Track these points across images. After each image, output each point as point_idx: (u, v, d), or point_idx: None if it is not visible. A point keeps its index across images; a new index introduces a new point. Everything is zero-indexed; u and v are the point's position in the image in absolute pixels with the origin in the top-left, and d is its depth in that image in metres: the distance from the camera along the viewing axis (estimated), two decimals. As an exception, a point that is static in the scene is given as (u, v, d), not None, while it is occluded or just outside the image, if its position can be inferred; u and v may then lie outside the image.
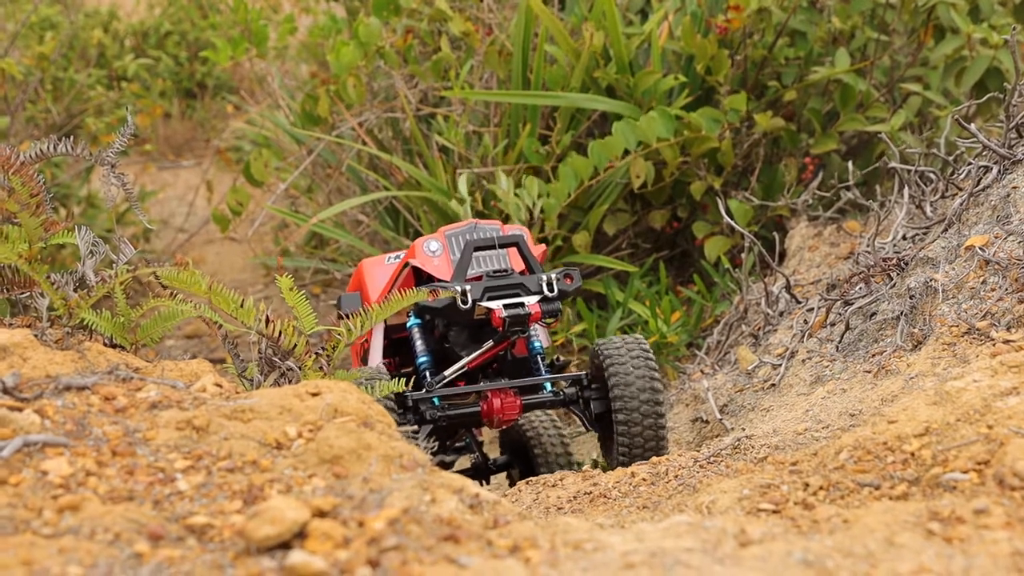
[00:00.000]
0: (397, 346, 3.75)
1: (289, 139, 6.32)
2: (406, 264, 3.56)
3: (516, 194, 4.84)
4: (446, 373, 3.48)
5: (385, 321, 3.63)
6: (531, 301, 3.35)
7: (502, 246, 3.47)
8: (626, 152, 4.92)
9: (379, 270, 3.76)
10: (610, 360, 3.45)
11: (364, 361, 3.73)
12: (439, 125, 5.42)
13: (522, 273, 3.46)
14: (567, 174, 4.93)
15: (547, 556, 1.88)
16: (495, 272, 3.42)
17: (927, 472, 2.37)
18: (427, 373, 3.50)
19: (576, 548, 1.92)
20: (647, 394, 3.41)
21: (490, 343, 3.46)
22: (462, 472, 4.01)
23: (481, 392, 3.53)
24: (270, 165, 5.74)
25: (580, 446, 4.57)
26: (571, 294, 3.43)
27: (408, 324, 3.59)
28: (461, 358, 3.50)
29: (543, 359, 3.62)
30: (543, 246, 3.72)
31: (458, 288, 3.29)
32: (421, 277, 3.56)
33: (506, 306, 3.32)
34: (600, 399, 3.56)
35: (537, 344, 3.63)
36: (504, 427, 3.61)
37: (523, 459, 4.10)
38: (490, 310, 3.33)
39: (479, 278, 3.41)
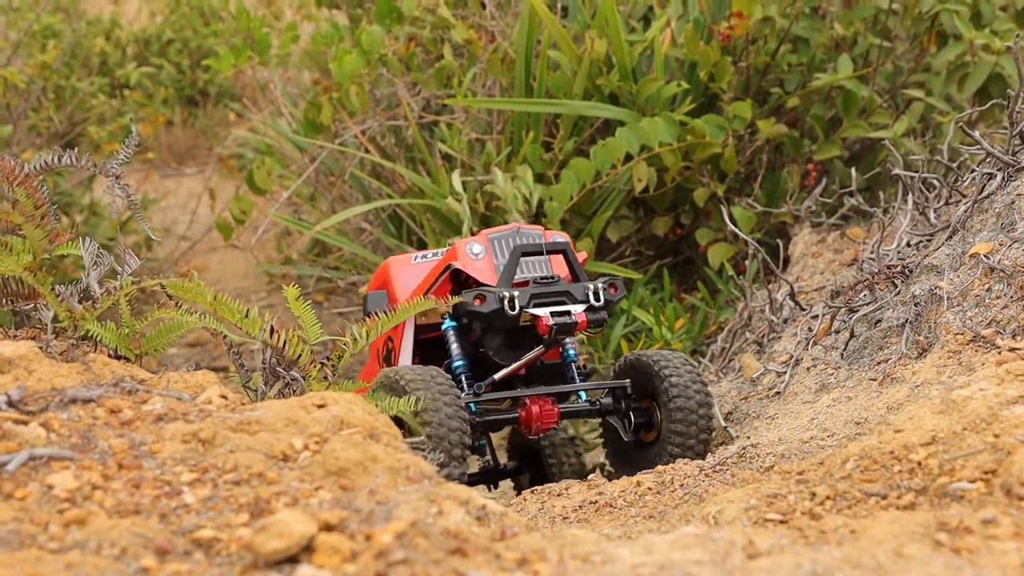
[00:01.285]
0: (423, 347, 3.69)
1: (292, 147, 6.32)
2: (448, 266, 3.49)
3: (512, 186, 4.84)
4: (495, 377, 3.45)
5: (415, 321, 3.60)
6: (578, 310, 3.34)
7: (550, 252, 3.43)
8: (629, 157, 4.92)
9: (407, 269, 3.70)
10: (668, 373, 3.47)
11: (387, 361, 3.68)
12: (442, 133, 5.42)
13: (567, 280, 3.44)
14: (569, 177, 4.93)
15: (555, 570, 1.88)
16: (541, 279, 3.38)
17: (934, 482, 2.36)
18: (463, 377, 3.47)
19: (585, 561, 1.91)
20: (704, 409, 3.46)
21: (539, 349, 3.43)
22: (471, 476, 3.99)
23: (519, 399, 3.50)
24: (273, 173, 5.74)
25: (593, 456, 4.56)
26: (616, 304, 3.43)
27: (444, 327, 3.54)
28: (495, 362, 3.46)
29: (576, 367, 3.60)
30: (584, 253, 3.70)
31: (506, 293, 3.27)
32: (459, 280, 3.53)
33: (553, 314, 3.31)
34: (640, 411, 3.58)
35: (572, 352, 3.62)
36: (541, 434, 3.57)
37: (532, 465, 4.10)
38: (536, 317, 3.30)
39: (525, 283, 3.38)
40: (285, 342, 3.00)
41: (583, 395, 3.60)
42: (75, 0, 8.63)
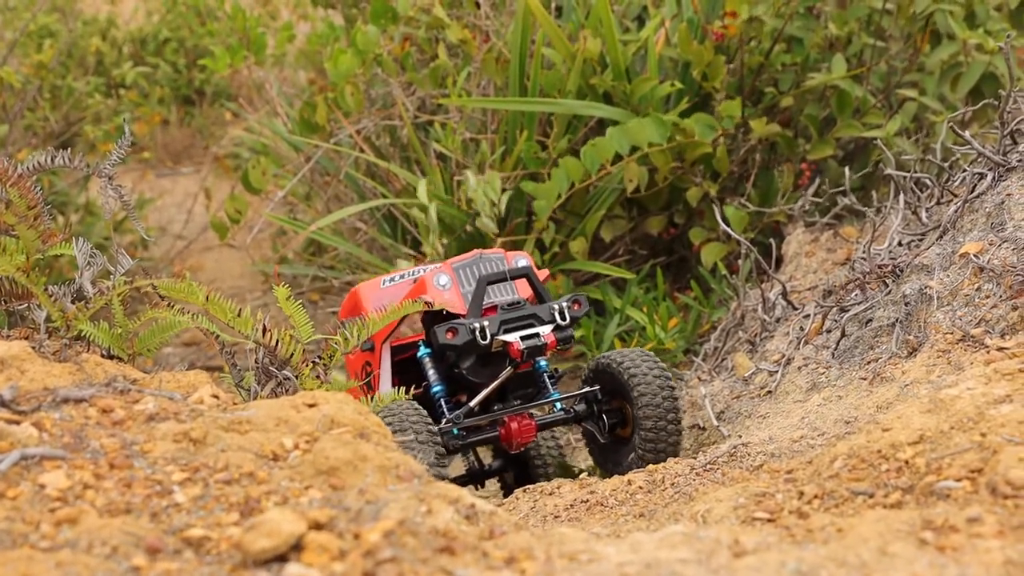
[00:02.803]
0: (400, 367, 3.78)
1: (287, 146, 6.33)
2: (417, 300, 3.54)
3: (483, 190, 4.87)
4: (471, 404, 3.56)
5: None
6: (546, 331, 3.47)
7: (513, 278, 3.55)
8: (619, 157, 4.93)
9: (377, 294, 3.80)
10: (631, 374, 3.58)
11: (368, 385, 3.74)
12: (437, 132, 5.43)
13: (531, 302, 3.58)
14: (558, 176, 4.95)
15: (542, 568, 1.89)
16: (508, 305, 3.50)
17: (921, 480, 2.38)
18: (442, 401, 3.58)
19: (572, 559, 1.93)
20: (669, 403, 3.56)
21: (510, 370, 3.54)
22: (457, 477, 4.05)
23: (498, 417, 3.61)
24: (268, 173, 5.75)
25: (576, 454, 4.58)
26: (580, 319, 3.57)
27: (419, 354, 3.64)
28: (472, 382, 3.56)
29: (548, 376, 3.68)
30: (546, 271, 3.80)
31: (476, 325, 3.39)
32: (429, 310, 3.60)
33: (523, 338, 3.44)
34: (612, 412, 3.70)
35: (543, 363, 3.69)
36: (521, 449, 3.67)
37: (517, 465, 4.14)
38: (508, 343, 3.43)
39: (493, 308, 3.51)
40: (277, 341, 3.02)
41: (557, 404, 3.69)
42: (71, 0, 8.63)
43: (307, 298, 6.37)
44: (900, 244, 3.94)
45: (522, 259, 3.64)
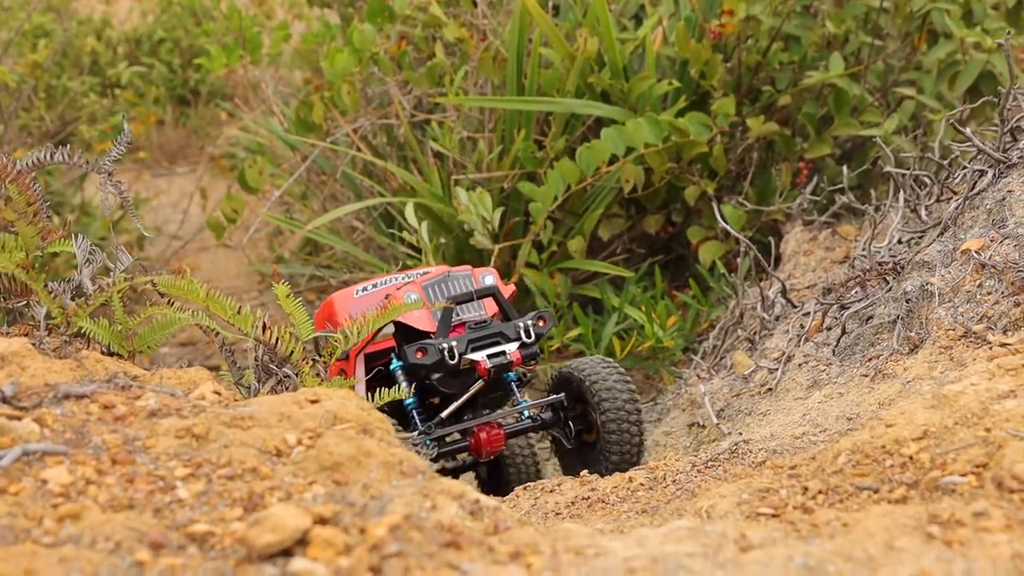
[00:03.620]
0: (373, 376, 3.88)
1: (283, 146, 6.32)
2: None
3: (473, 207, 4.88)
4: (442, 415, 3.68)
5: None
6: (511, 349, 3.62)
7: (479, 297, 3.71)
8: (615, 158, 4.92)
9: (351, 303, 3.89)
10: (592, 380, 3.71)
11: None
12: (434, 131, 5.42)
13: (496, 318, 3.75)
14: (554, 178, 4.94)
15: (549, 562, 1.88)
16: (476, 324, 3.68)
17: (926, 475, 2.37)
18: (415, 413, 3.70)
19: (578, 554, 1.92)
20: (631, 406, 3.68)
21: (479, 384, 3.66)
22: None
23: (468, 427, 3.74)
24: (265, 172, 5.74)
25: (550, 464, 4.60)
26: (545, 335, 3.73)
27: (392, 367, 3.73)
28: (444, 394, 3.71)
29: (516, 384, 3.79)
30: (512, 287, 3.91)
31: (444, 345, 3.53)
32: (401, 328, 3.74)
33: (489, 356, 3.59)
34: (578, 419, 3.83)
35: (511, 373, 3.77)
36: (491, 457, 3.80)
37: (491, 464, 4.27)
38: (475, 361, 3.57)
39: (461, 325, 3.68)
40: (277, 339, 3.01)
41: (525, 412, 3.80)
42: (66, 0, 8.62)
43: (304, 297, 6.36)
44: (900, 242, 3.94)
45: (488, 276, 3.79)
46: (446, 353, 3.53)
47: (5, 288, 2.82)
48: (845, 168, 4.74)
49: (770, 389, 3.76)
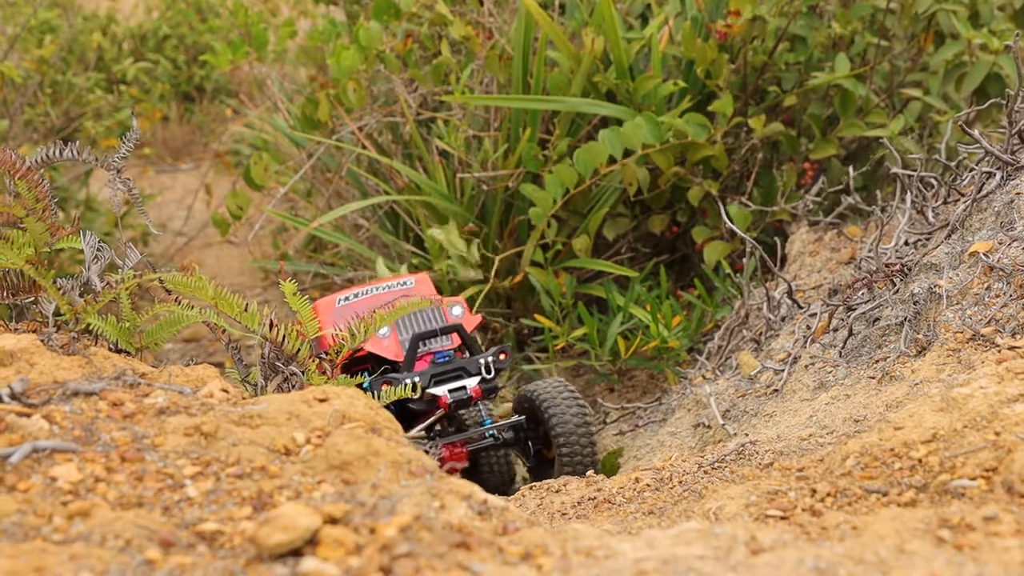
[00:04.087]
0: None
1: (288, 142, 6.32)
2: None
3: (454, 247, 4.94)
4: (409, 435, 3.84)
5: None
6: (472, 384, 3.91)
7: (443, 333, 3.98)
8: (613, 159, 4.92)
9: (333, 314, 4.11)
10: (542, 399, 3.99)
11: None
12: (439, 129, 5.42)
13: (461, 348, 4.02)
14: (552, 182, 4.94)
15: (559, 563, 1.88)
16: (440, 358, 3.97)
17: (935, 479, 2.37)
18: None
19: (588, 555, 1.91)
20: (583, 427, 3.95)
21: (441, 413, 3.95)
22: None
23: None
24: (270, 169, 5.74)
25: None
26: (506, 369, 4.01)
27: (363, 385, 3.89)
28: (414, 412, 3.97)
29: (483, 405, 4.08)
30: (479, 317, 4.19)
31: (408, 381, 3.65)
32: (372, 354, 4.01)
33: (451, 391, 3.88)
34: (536, 438, 4.13)
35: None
36: (457, 473, 4.07)
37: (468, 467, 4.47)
38: (436, 396, 3.86)
39: (429, 354, 3.98)
40: (284, 337, 3.01)
41: (489, 431, 4.08)
42: (72, -5, 8.63)
43: (309, 295, 6.35)
44: (907, 243, 3.93)
45: (456, 307, 4.07)
46: (409, 387, 3.65)
47: (13, 284, 2.82)
48: (851, 169, 4.73)
49: (776, 390, 3.76)
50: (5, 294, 2.83)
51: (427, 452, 3.73)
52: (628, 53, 5.16)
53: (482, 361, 3.92)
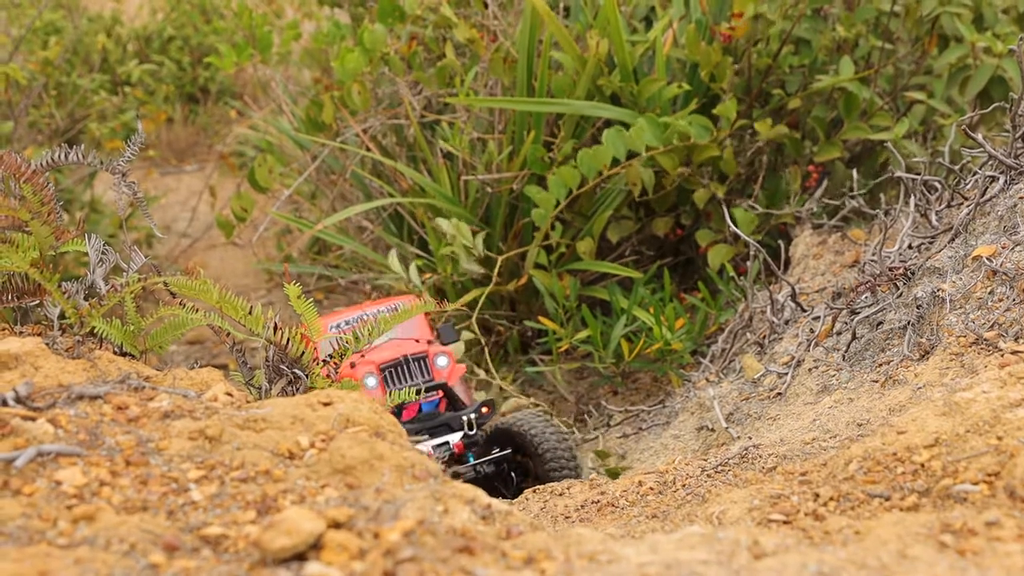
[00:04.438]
0: None
1: (293, 145, 6.32)
2: None
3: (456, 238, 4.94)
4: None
5: None
6: (455, 439, 4.08)
7: (428, 390, 4.10)
8: (616, 161, 4.93)
9: (322, 342, 4.13)
10: (533, 433, 4.06)
11: None
12: (443, 131, 5.42)
13: (447, 404, 4.17)
14: (556, 184, 4.94)
15: (562, 568, 1.89)
16: (426, 410, 4.12)
17: (937, 483, 2.37)
18: None
19: (591, 560, 1.92)
20: (568, 452, 4.05)
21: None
22: None
23: None
24: (274, 171, 5.75)
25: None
26: (488, 422, 4.17)
27: None
28: None
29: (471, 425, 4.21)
30: (463, 367, 4.32)
31: None
32: None
33: (435, 447, 4.04)
34: (517, 469, 4.20)
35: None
36: None
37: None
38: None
39: (417, 404, 4.14)
40: (288, 340, 3.01)
41: (474, 467, 4.17)
42: (76, -3, 8.64)
43: (312, 297, 6.36)
44: (910, 247, 3.93)
45: (442, 357, 4.18)
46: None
47: (18, 287, 2.83)
48: (855, 172, 4.74)
49: (780, 393, 3.76)
50: (10, 297, 2.83)
51: None
52: (632, 56, 5.16)
53: (464, 418, 4.08)
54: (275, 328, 3.01)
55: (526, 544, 1.98)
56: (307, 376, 3.07)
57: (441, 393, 4.16)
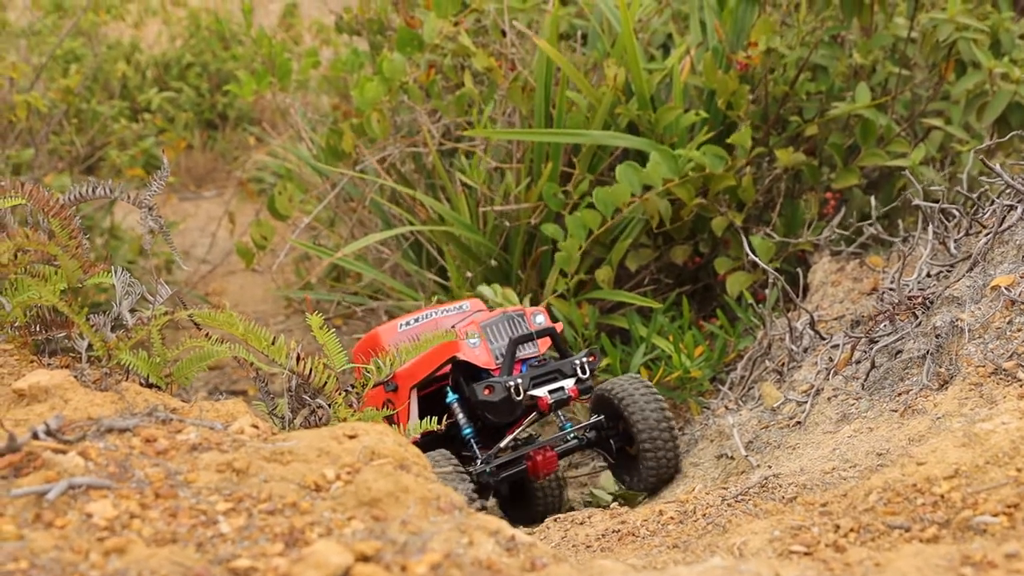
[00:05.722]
0: (421, 403, 4.07)
1: (311, 171, 6.36)
2: (451, 357, 3.91)
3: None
4: (500, 445, 3.97)
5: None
6: (569, 384, 3.92)
7: (539, 337, 3.98)
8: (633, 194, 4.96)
9: (395, 336, 4.12)
10: (620, 397, 4.00)
11: (389, 420, 3.92)
12: (461, 163, 5.45)
13: (552, 356, 4.02)
14: (576, 227, 4.97)
15: (587, 601, 1.91)
16: (535, 362, 3.96)
17: (957, 515, 2.39)
18: (473, 442, 3.95)
19: (616, 593, 1.94)
20: (664, 423, 3.96)
21: (535, 415, 3.97)
22: None
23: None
24: (294, 199, 5.79)
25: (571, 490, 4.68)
26: (596, 370, 3.99)
27: (448, 400, 4.00)
28: (492, 423, 3.94)
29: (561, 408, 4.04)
30: (560, 324, 4.16)
31: (511, 383, 3.79)
32: (458, 364, 3.98)
33: (550, 392, 3.87)
34: (618, 435, 4.09)
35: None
36: (545, 478, 4.18)
37: (515, 489, 4.44)
38: (537, 397, 3.85)
39: (519, 362, 3.97)
40: (311, 370, 3.04)
41: (570, 435, 4.08)
42: (96, 24, 8.69)
43: (331, 323, 6.39)
44: (929, 275, 3.95)
45: (539, 315, 4.06)
46: (512, 390, 3.79)
47: (46, 320, 2.86)
48: (872, 199, 4.75)
49: (799, 422, 3.78)
50: (38, 329, 2.87)
51: (487, 471, 3.86)
52: (650, 84, 5.19)
53: (576, 362, 3.94)
54: (297, 359, 3.04)
55: (551, 577, 2.01)
56: (330, 406, 3.10)
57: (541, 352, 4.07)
